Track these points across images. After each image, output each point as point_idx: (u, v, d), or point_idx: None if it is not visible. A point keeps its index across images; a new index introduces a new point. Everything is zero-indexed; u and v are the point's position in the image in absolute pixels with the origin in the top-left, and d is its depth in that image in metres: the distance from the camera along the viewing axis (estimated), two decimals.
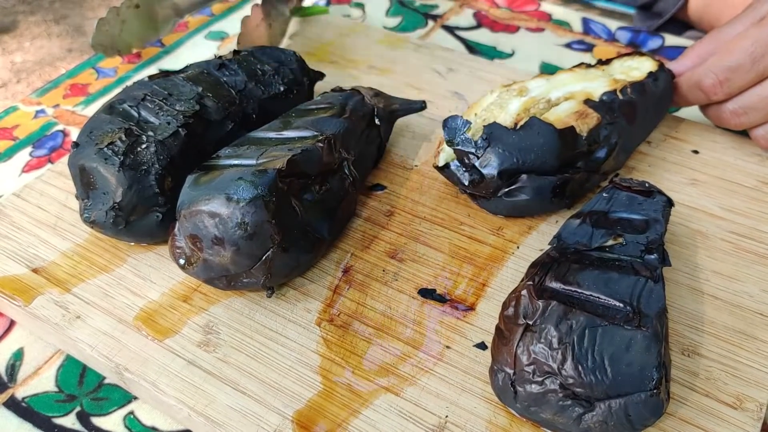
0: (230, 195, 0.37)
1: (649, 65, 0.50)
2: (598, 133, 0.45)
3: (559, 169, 0.44)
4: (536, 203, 0.44)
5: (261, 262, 0.38)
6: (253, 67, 0.49)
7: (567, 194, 0.45)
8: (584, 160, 0.45)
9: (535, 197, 0.44)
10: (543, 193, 0.44)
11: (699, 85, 0.49)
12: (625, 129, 0.47)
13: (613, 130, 0.46)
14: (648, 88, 0.48)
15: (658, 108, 0.50)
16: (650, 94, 0.49)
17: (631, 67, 0.51)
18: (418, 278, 0.42)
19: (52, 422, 0.38)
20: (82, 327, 0.40)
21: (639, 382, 0.31)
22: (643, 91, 0.48)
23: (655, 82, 0.49)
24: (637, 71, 0.50)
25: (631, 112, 0.47)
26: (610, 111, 0.46)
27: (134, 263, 0.44)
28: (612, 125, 0.46)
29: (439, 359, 0.38)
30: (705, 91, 0.49)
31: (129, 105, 0.43)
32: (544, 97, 0.47)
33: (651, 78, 0.49)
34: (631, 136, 0.48)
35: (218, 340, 0.39)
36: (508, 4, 0.74)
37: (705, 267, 0.43)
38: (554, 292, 0.34)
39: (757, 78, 0.47)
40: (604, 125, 0.45)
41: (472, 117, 0.47)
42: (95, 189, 0.41)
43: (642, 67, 0.50)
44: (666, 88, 0.50)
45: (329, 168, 0.43)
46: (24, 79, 1.87)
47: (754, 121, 0.49)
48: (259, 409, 0.36)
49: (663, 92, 0.50)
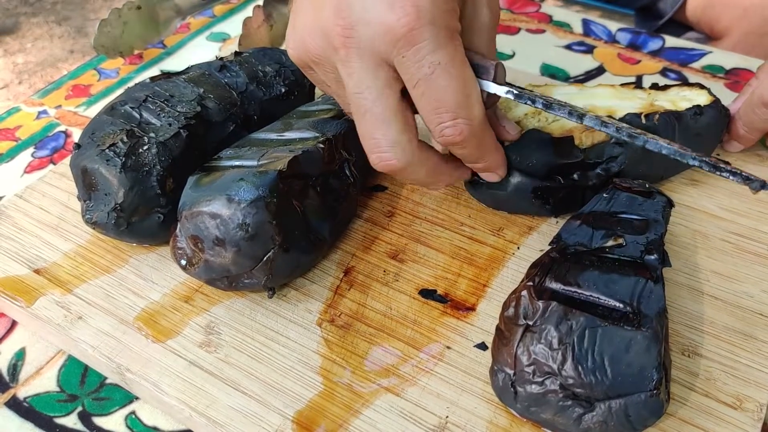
0: (231, 196, 0.37)
1: (703, 99, 0.47)
2: (603, 149, 0.44)
3: (547, 174, 0.43)
4: (516, 200, 0.44)
5: (262, 263, 0.38)
6: (255, 69, 0.49)
7: (551, 202, 0.45)
8: (581, 173, 0.44)
9: (515, 194, 0.44)
10: (523, 193, 0.44)
11: (762, 99, 0.46)
12: (638, 155, 0.44)
13: (623, 153, 0.44)
14: (684, 120, 0.45)
15: (696, 146, 0.44)
16: (684, 128, 0.45)
17: (684, 97, 0.47)
18: (418, 279, 0.43)
19: (54, 422, 0.38)
20: (84, 328, 0.40)
21: (639, 382, 0.31)
22: (674, 122, 0.44)
23: (696, 116, 0.45)
24: (687, 102, 0.46)
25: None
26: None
27: (136, 264, 0.44)
28: (622, 147, 0.44)
29: (439, 359, 0.38)
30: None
31: (131, 106, 0.43)
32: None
33: (693, 111, 0.45)
34: (648, 163, 0.45)
35: (219, 341, 0.39)
36: (508, 5, 0.74)
37: (705, 267, 0.43)
38: (554, 293, 0.34)
39: None
40: (612, 144, 0.44)
41: None
42: (97, 190, 0.41)
43: (695, 100, 0.47)
44: (710, 125, 0.46)
45: (330, 169, 0.43)
46: (26, 81, 1.87)
47: None
48: (260, 410, 0.36)
49: (704, 129, 0.46)
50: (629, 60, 0.65)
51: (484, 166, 0.41)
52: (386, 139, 0.37)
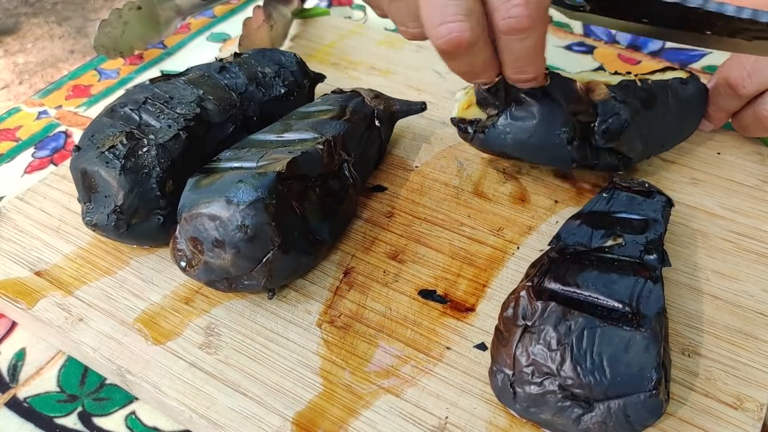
0: (230, 198, 0.37)
1: (680, 74, 0.49)
2: (606, 105, 0.44)
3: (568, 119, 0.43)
4: (542, 133, 0.43)
5: (261, 264, 0.38)
6: (254, 70, 0.49)
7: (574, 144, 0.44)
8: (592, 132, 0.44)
9: (543, 123, 0.43)
10: (553, 121, 0.43)
11: (727, 80, 0.48)
12: (641, 113, 0.45)
13: (625, 109, 0.44)
14: (673, 87, 0.48)
15: (686, 112, 0.49)
16: (675, 93, 0.47)
17: (663, 76, 0.49)
18: (418, 279, 0.43)
19: (54, 422, 0.38)
20: (85, 329, 0.40)
21: (638, 382, 0.31)
22: (666, 87, 0.47)
23: (682, 85, 0.48)
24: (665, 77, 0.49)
25: (649, 99, 0.46)
26: (624, 91, 0.45)
27: (136, 266, 0.44)
28: (624, 104, 0.44)
29: (439, 360, 0.38)
30: (733, 86, 0.47)
31: (130, 108, 0.43)
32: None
33: (678, 80, 0.48)
34: (650, 124, 0.46)
35: (219, 342, 0.39)
36: None
37: (705, 266, 0.43)
38: (553, 293, 0.34)
39: None
40: (614, 101, 0.44)
41: None
42: (97, 192, 0.41)
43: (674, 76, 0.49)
44: (696, 96, 0.49)
45: (329, 170, 0.43)
46: (26, 81, 1.88)
47: None
48: (260, 411, 0.36)
49: (691, 98, 0.49)
50: (629, 60, 0.65)
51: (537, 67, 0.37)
52: (460, 6, 0.33)
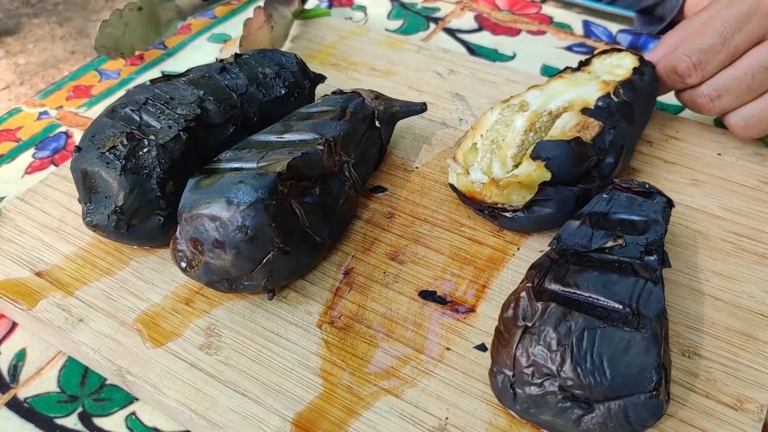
0: (231, 198, 0.37)
1: (630, 61, 0.51)
2: (603, 139, 0.45)
3: (578, 180, 0.44)
4: (561, 215, 0.43)
5: (262, 265, 0.38)
6: (254, 71, 0.49)
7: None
8: (597, 168, 0.45)
9: (560, 209, 0.43)
10: (567, 204, 0.43)
11: (674, 69, 0.49)
12: (627, 131, 0.47)
13: (617, 134, 0.45)
14: (637, 84, 0.49)
15: (649, 102, 0.51)
16: (640, 90, 0.49)
17: (613, 65, 0.51)
18: (418, 280, 0.43)
19: (54, 423, 0.38)
20: (85, 330, 0.40)
21: (638, 383, 0.31)
22: (633, 89, 0.48)
23: (641, 77, 0.49)
24: (621, 68, 0.50)
25: (629, 113, 0.47)
26: (610, 116, 0.46)
27: (136, 266, 0.44)
28: (615, 129, 0.45)
29: (439, 361, 0.38)
30: (680, 75, 0.49)
31: (131, 109, 0.43)
32: (545, 110, 0.47)
33: (637, 74, 0.49)
34: (632, 136, 0.48)
35: (220, 343, 0.39)
36: (509, 6, 0.74)
37: (705, 267, 0.43)
38: (553, 294, 0.34)
39: (729, 58, 0.47)
40: (607, 131, 0.45)
41: (478, 138, 0.47)
42: (97, 193, 0.42)
43: (624, 64, 0.51)
44: (652, 82, 0.51)
45: (330, 171, 0.43)
46: (27, 81, 1.88)
47: (728, 105, 0.49)
48: (260, 412, 0.36)
49: (650, 86, 0.50)
50: None
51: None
52: None
